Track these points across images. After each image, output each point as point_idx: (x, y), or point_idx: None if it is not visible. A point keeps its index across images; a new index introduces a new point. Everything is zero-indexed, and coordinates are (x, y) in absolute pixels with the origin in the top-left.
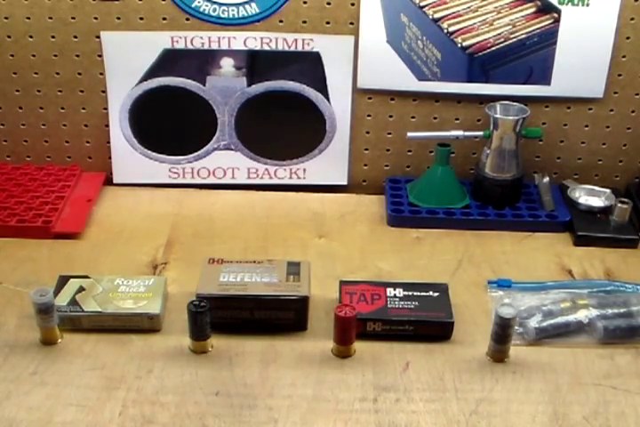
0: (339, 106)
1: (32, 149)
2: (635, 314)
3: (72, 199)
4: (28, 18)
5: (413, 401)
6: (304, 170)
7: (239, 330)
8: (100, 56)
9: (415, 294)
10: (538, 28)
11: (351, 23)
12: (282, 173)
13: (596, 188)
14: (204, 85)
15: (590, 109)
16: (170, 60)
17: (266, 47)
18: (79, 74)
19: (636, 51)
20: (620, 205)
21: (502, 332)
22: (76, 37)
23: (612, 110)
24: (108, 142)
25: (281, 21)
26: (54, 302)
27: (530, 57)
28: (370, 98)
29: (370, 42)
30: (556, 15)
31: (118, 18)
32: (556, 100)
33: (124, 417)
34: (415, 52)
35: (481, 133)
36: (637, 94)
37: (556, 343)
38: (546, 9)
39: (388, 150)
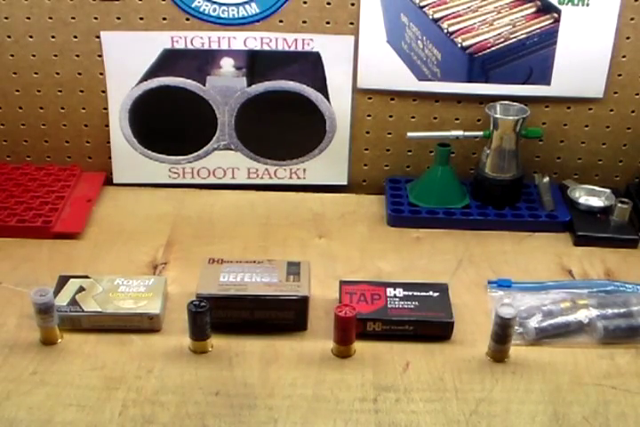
0: (339, 106)
1: (32, 149)
2: (635, 314)
3: (72, 199)
4: (28, 18)
5: (413, 401)
6: (304, 170)
7: (239, 330)
8: (100, 56)
9: (415, 294)
10: (538, 28)
11: (351, 23)
12: (282, 173)
13: (596, 188)
14: (204, 85)
15: (590, 109)
16: (170, 60)
17: (266, 47)
18: (79, 74)
19: (636, 51)
20: (619, 205)
21: (502, 332)
22: (75, 37)
23: (611, 110)
24: (108, 142)
25: (281, 21)
26: (54, 302)
27: (530, 57)
28: (370, 98)
29: (370, 42)
30: (556, 15)
31: (118, 18)
32: (555, 100)
33: (124, 417)
34: (415, 52)
35: (481, 133)
36: (637, 94)
37: (556, 343)
38: (546, 9)
39: (388, 150)
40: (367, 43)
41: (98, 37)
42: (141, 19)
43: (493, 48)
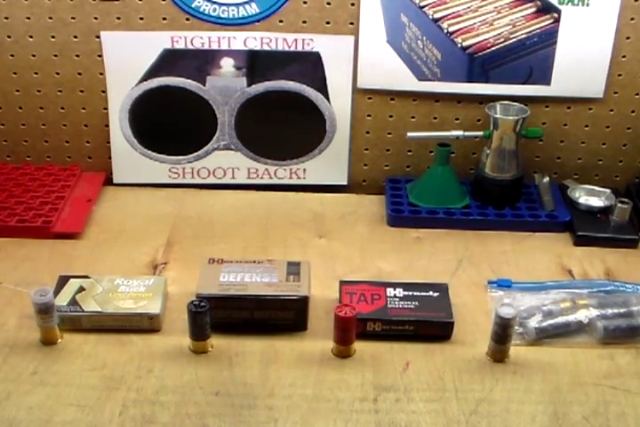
0: (339, 106)
1: (32, 149)
2: (635, 314)
3: (72, 199)
4: (28, 18)
5: (413, 401)
6: (304, 170)
7: (239, 330)
8: (100, 56)
9: (415, 294)
10: (538, 28)
11: (351, 23)
12: (282, 173)
13: (596, 188)
14: (204, 85)
15: (590, 109)
16: (170, 60)
17: (266, 47)
18: (79, 74)
19: (636, 51)
20: (619, 205)
21: (502, 332)
22: (75, 37)
23: (611, 110)
24: (108, 142)
25: (281, 21)
26: (54, 302)
27: (530, 57)
28: (370, 98)
29: (370, 42)
30: (556, 15)
31: (118, 18)
32: (556, 100)
33: (124, 417)
34: (415, 52)
35: (481, 133)
36: (637, 94)
37: (556, 343)
38: (546, 9)
39: (388, 150)
40: (367, 43)
41: (98, 37)
42: (141, 19)
43: (493, 48)
